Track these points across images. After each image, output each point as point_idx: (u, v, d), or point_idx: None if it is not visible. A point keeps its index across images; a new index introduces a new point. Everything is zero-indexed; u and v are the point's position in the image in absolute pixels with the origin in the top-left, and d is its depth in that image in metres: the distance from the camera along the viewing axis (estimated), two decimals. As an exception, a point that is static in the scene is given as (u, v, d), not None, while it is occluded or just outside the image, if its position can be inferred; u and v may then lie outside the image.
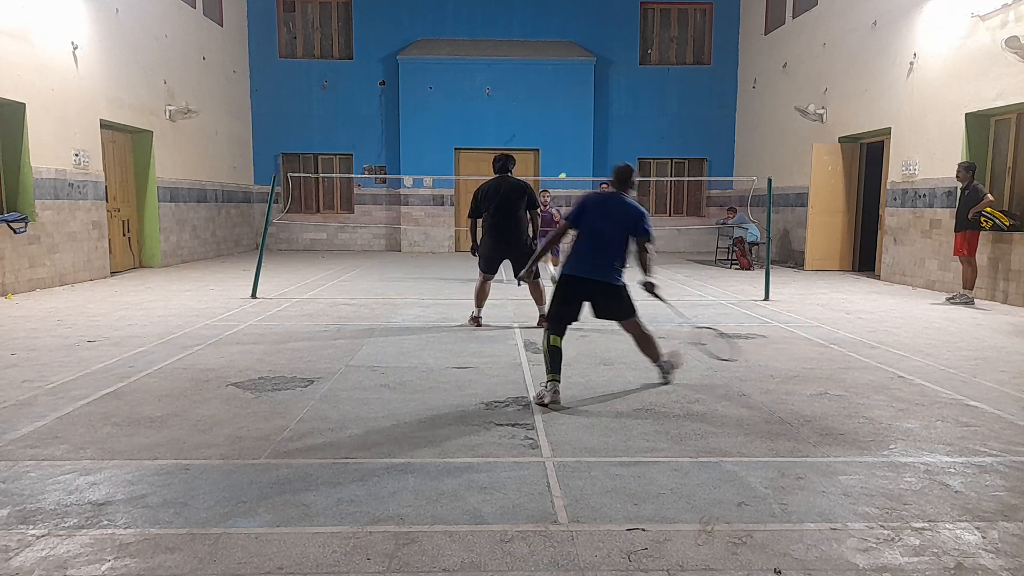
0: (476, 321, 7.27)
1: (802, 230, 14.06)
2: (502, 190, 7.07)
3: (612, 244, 4.66)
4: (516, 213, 7.09)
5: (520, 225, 7.13)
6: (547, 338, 4.59)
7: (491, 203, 7.07)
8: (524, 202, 7.11)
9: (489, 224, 7.13)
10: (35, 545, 2.63)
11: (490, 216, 7.10)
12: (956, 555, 2.62)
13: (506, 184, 7.10)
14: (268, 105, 17.67)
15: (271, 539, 2.68)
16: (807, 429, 4.03)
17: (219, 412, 4.24)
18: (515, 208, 7.07)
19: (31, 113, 9.50)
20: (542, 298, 7.22)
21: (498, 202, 7.04)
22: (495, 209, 7.06)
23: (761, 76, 16.74)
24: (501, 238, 7.10)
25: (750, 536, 2.74)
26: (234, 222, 16.64)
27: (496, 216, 7.07)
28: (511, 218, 7.07)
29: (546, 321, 4.84)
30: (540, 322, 7.20)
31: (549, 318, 4.73)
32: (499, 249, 7.15)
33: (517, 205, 7.07)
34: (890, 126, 11.64)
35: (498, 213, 7.06)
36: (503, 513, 2.92)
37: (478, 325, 7.23)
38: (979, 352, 6.14)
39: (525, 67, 17.14)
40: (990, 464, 3.52)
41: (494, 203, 7.06)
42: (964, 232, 8.89)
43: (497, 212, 7.06)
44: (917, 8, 10.86)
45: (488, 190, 7.12)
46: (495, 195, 7.07)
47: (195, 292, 9.61)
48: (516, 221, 7.10)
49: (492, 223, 7.10)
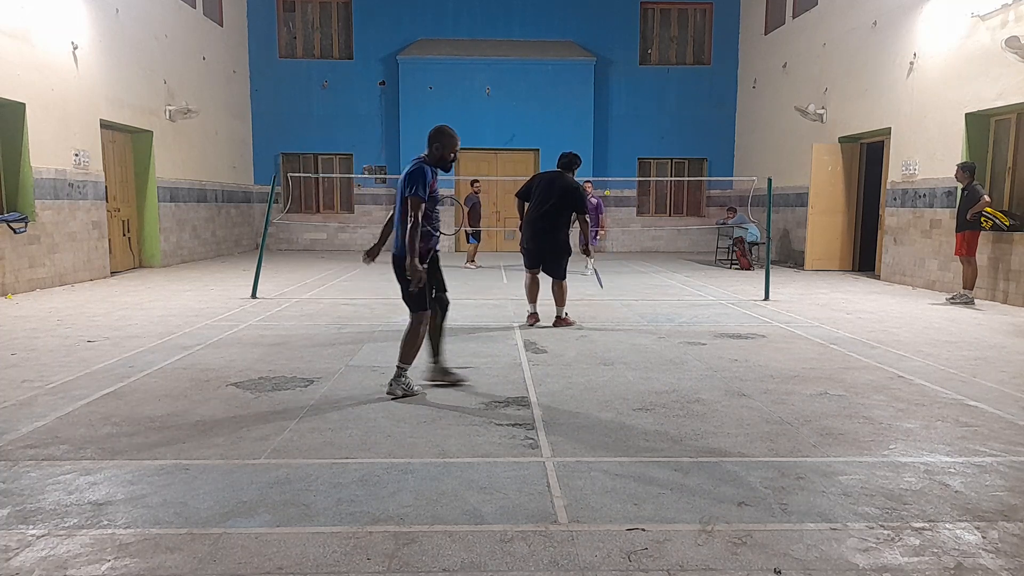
0: (534, 317, 7.22)
1: (802, 230, 14.06)
2: (555, 185, 6.98)
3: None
4: (558, 211, 6.98)
5: (558, 224, 7.03)
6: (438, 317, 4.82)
7: (539, 194, 7.00)
8: (571, 204, 6.99)
9: (530, 215, 7.09)
10: (35, 545, 2.63)
11: (533, 207, 7.06)
12: (956, 555, 2.62)
13: (560, 180, 7.01)
14: (268, 105, 17.67)
15: (271, 539, 2.68)
16: (807, 429, 4.03)
17: (219, 412, 4.24)
18: (559, 206, 6.96)
19: (31, 113, 9.50)
20: (563, 299, 7.19)
21: (544, 195, 6.97)
22: (539, 201, 7.00)
23: (761, 76, 16.74)
24: (537, 232, 7.05)
25: (750, 536, 2.74)
26: (234, 222, 16.64)
27: (538, 209, 7.01)
28: (552, 215, 6.98)
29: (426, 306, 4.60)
30: (556, 323, 7.18)
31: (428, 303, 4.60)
32: (534, 242, 7.10)
33: (562, 204, 6.97)
34: (890, 126, 11.64)
35: (541, 206, 6.99)
36: (503, 513, 2.91)
37: (536, 321, 7.18)
38: (979, 352, 6.14)
39: (525, 67, 17.14)
40: (990, 464, 3.52)
41: (540, 195, 6.99)
42: (964, 232, 8.92)
43: (541, 205, 6.99)
44: (917, 8, 10.86)
45: (542, 180, 7.08)
46: (546, 187, 6.98)
47: (195, 292, 9.61)
48: (555, 219, 7.01)
49: (533, 215, 7.07)
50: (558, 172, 7.09)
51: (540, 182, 7.10)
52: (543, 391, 4.78)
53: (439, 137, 4.68)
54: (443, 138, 4.67)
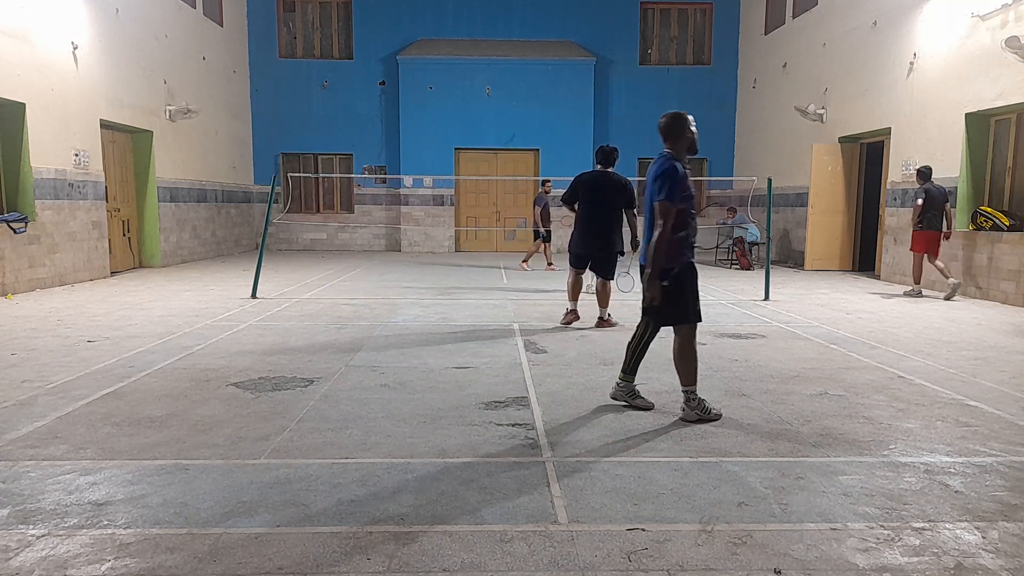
0: (573, 315, 7.11)
1: (802, 230, 14.06)
2: (599, 184, 6.82)
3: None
4: (611, 211, 6.83)
5: (612, 224, 6.87)
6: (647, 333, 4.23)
7: (587, 196, 6.84)
8: (622, 200, 6.84)
9: (581, 218, 6.92)
10: (35, 545, 2.63)
11: (583, 210, 6.89)
12: (956, 555, 2.62)
13: (604, 179, 6.84)
14: (268, 105, 17.67)
15: (271, 539, 2.68)
16: (807, 429, 4.03)
17: (219, 412, 4.24)
18: (610, 206, 6.81)
19: (31, 113, 9.50)
20: (607, 300, 7.08)
21: (593, 196, 6.81)
22: (589, 204, 6.84)
23: (761, 76, 16.73)
24: (590, 234, 6.88)
25: (750, 536, 2.74)
26: (234, 222, 16.64)
27: (589, 211, 6.85)
28: (604, 216, 6.83)
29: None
30: (599, 324, 7.09)
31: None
32: (586, 245, 6.95)
33: (613, 203, 6.82)
34: (890, 126, 11.64)
35: (592, 208, 6.83)
36: (503, 513, 2.92)
37: (575, 319, 7.07)
38: (979, 352, 6.14)
39: (525, 67, 17.14)
40: (990, 464, 3.52)
41: (590, 196, 6.83)
42: (914, 232, 9.62)
43: (591, 207, 6.83)
44: (917, 8, 10.86)
45: (587, 181, 6.89)
46: (593, 188, 6.83)
47: (195, 292, 9.61)
48: (609, 220, 6.85)
49: (584, 218, 6.90)
50: (600, 171, 6.90)
51: (585, 184, 6.88)
52: (543, 391, 4.78)
53: (681, 122, 4.13)
54: (684, 122, 4.13)
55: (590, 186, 6.85)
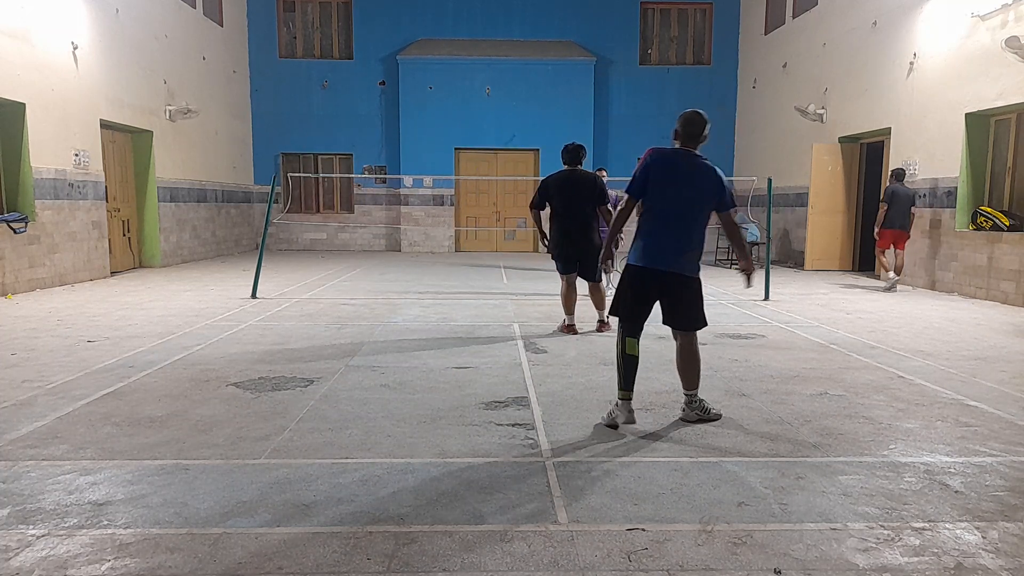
0: (570, 329, 6.84)
1: (802, 230, 14.06)
2: (571, 182, 6.71)
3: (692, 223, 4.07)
4: (585, 208, 6.70)
5: (590, 221, 6.75)
6: (622, 344, 4.04)
7: (560, 196, 6.70)
8: (594, 196, 6.71)
9: (557, 220, 6.79)
10: (35, 545, 2.63)
11: (558, 211, 6.76)
12: (956, 555, 2.62)
13: (575, 176, 6.73)
14: (268, 105, 17.66)
15: (271, 539, 2.68)
16: (807, 429, 4.03)
17: (219, 412, 4.24)
18: (584, 203, 6.69)
19: (31, 113, 9.49)
20: (603, 302, 6.88)
21: (567, 196, 6.69)
22: (564, 204, 6.71)
23: (761, 76, 16.73)
24: (569, 234, 6.74)
25: (750, 536, 2.74)
26: (234, 222, 16.64)
27: (564, 211, 6.73)
28: (580, 214, 6.71)
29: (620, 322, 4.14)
30: (599, 327, 6.95)
31: (624, 318, 4.09)
32: (568, 246, 6.78)
33: (587, 200, 6.70)
34: (890, 126, 11.64)
35: (567, 208, 6.71)
36: (503, 513, 2.92)
37: (573, 333, 6.80)
38: (979, 352, 6.14)
39: (525, 67, 17.14)
40: (990, 464, 3.52)
41: (562, 196, 6.70)
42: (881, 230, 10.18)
43: (566, 207, 6.71)
44: (917, 8, 10.86)
45: (557, 181, 6.76)
46: (564, 187, 6.70)
47: (195, 292, 9.61)
48: (585, 217, 6.73)
49: (560, 219, 6.77)
50: (568, 170, 6.80)
51: (555, 185, 6.77)
52: (543, 391, 4.78)
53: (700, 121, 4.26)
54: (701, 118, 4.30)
55: (561, 186, 6.72)
